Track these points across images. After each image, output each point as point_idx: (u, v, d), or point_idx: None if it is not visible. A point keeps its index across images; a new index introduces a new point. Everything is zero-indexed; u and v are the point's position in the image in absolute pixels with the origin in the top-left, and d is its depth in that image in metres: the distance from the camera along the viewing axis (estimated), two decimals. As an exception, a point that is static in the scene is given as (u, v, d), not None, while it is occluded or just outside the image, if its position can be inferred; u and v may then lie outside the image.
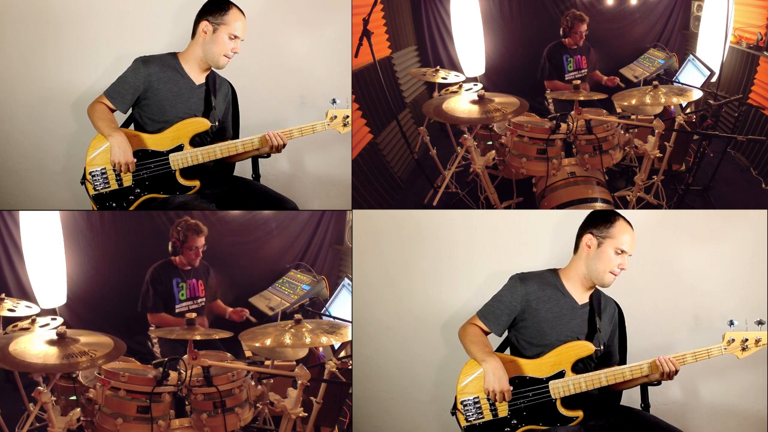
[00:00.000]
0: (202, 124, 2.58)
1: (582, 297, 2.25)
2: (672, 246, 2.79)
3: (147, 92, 2.56)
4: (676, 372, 2.12)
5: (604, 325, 2.24)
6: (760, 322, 2.14)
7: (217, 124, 2.66)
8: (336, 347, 3.03)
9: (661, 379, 2.15)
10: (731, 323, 2.14)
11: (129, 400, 2.42)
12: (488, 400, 2.15)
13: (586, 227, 2.24)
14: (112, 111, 2.56)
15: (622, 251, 2.18)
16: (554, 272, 2.28)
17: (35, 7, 3.00)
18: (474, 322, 2.29)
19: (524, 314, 2.23)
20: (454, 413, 2.23)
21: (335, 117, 2.59)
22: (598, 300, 2.26)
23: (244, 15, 2.59)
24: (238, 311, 3.40)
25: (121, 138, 2.46)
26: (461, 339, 2.27)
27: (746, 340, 2.14)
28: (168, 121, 2.56)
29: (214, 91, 2.65)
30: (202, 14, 2.56)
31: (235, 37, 2.55)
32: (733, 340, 2.14)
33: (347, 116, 2.60)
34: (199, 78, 2.63)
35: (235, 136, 2.79)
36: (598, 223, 2.22)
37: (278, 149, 2.58)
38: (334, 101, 2.57)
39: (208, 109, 2.63)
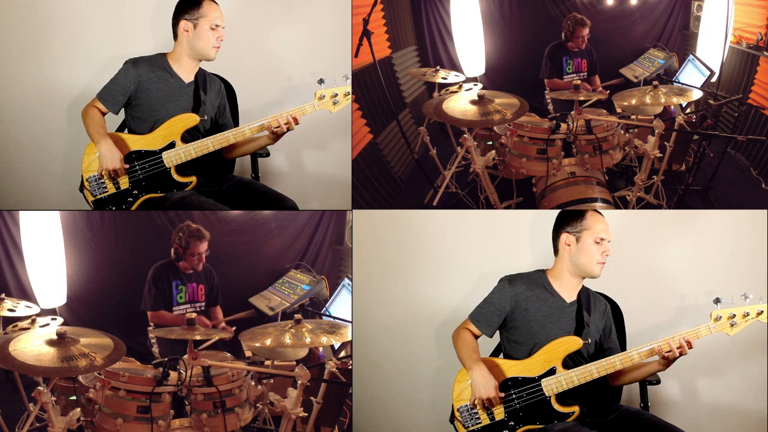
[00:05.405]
0: (191, 119, 2.58)
1: (570, 296, 2.26)
2: (672, 246, 2.79)
3: (138, 93, 2.57)
4: (678, 354, 2.08)
5: (594, 321, 2.25)
6: (745, 296, 2.10)
7: (206, 118, 2.66)
8: (336, 347, 3.03)
9: (660, 367, 2.14)
10: (717, 301, 2.11)
11: (129, 400, 2.42)
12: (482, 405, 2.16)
13: (559, 228, 2.27)
14: (104, 113, 2.57)
15: (602, 239, 2.20)
16: (542, 272, 2.30)
17: (32, 6, 3.00)
18: (466, 326, 2.31)
19: (514, 314, 2.25)
20: (452, 422, 2.24)
21: (324, 96, 2.55)
22: (586, 297, 2.28)
23: (217, 3, 2.60)
24: (227, 329, 3.17)
25: (109, 145, 2.48)
26: (454, 344, 2.30)
27: (734, 315, 2.10)
28: (159, 120, 2.57)
29: (204, 87, 2.67)
30: (178, 15, 2.58)
31: (217, 26, 2.57)
32: (721, 317, 2.11)
33: (336, 94, 2.55)
34: (188, 77, 2.64)
35: None
36: (570, 220, 2.24)
37: (278, 135, 2.56)
38: (321, 81, 2.53)
39: (197, 105, 2.64)
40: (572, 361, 2.19)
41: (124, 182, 2.54)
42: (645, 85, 3.38)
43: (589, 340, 2.22)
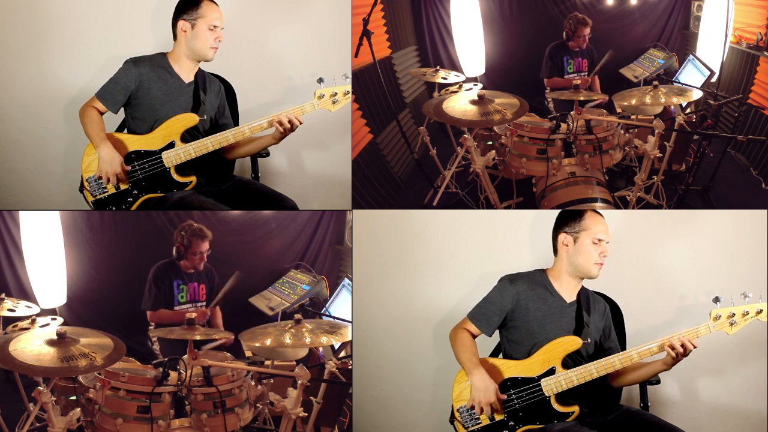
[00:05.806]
0: (190, 119, 2.58)
1: (570, 296, 2.27)
2: (672, 246, 2.79)
3: (138, 92, 2.57)
4: (683, 353, 2.07)
5: (594, 321, 2.26)
6: (745, 295, 2.10)
7: (206, 118, 2.66)
8: (336, 347, 3.03)
9: (664, 367, 2.13)
10: (716, 300, 2.11)
11: (129, 400, 2.42)
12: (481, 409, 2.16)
13: (558, 228, 2.27)
14: (103, 113, 2.57)
15: (600, 240, 2.20)
16: (542, 272, 2.31)
17: (32, 6, 3.00)
18: (464, 326, 2.30)
19: (514, 314, 2.25)
20: (452, 422, 2.24)
21: (323, 95, 2.55)
22: (585, 298, 2.28)
23: (216, 3, 2.60)
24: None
25: (109, 149, 2.48)
26: (452, 344, 2.29)
27: (733, 314, 2.10)
28: (158, 120, 2.57)
29: (203, 87, 2.67)
30: (177, 15, 2.58)
31: (215, 27, 2.57)
32: (720, 316, 2.10)
33: (335, 93, 2.54)
34: (188, 77, 2.64)
35: None
36: (569, 220, 2.25)
37: (283, 134, 2.55)
38: (320, 80, 2.52)
39: (197, 105, 2.64)
40: (572, 361, 2.20)
41: (124, 182, 2.54)
42: (645, 85, 3.38)
43: (589, 340, 2.22)
